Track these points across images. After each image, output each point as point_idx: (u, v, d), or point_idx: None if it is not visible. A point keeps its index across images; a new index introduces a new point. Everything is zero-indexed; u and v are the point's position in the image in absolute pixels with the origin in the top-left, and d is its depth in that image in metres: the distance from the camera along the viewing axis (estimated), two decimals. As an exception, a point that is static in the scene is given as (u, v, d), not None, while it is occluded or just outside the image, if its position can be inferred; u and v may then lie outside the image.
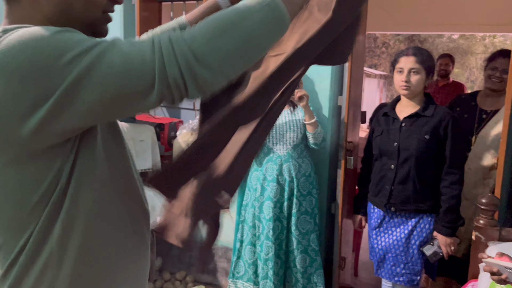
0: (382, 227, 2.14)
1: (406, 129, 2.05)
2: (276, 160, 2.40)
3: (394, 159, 2.05)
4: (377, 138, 2.15)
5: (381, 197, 2.11)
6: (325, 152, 2.64)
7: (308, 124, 2.35)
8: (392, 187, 2.06)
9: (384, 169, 2.11)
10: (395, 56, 2.14)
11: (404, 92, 2.04)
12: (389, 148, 2.08)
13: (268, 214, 2.38)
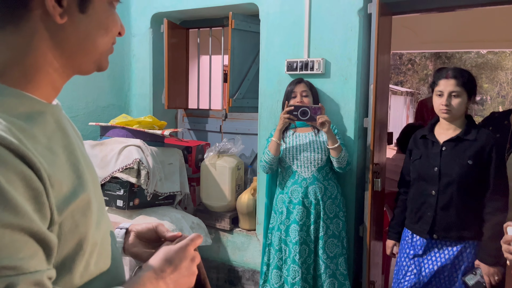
0: (424, 255, 2.05)
1: (447, 153, 1.97)
2: (301, 183, 2.40)
3: (435, 184, 1.98)
4: (416, 162, 2.08)
5: (423, 224, 2.03)
6: (352, 174, 2.62)
7: (332, 148, 2.35)
8: (435, 214, 1.98)
9: (424, 195, 2.03)
10: (434, 78, 2.07)
11: (445, 116, 1.98)
12: (429, 173, 2.00)
13: (295, 238, 2.37)
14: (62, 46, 0.63)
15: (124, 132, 2.82)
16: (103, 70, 0.71)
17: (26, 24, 0.60)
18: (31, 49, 0.61)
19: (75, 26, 0.63)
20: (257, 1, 2.86)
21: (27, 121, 0.58)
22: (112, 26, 0.68)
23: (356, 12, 2.52)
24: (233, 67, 2.97)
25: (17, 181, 0.50)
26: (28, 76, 0.61)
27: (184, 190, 2.96)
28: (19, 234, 0.49)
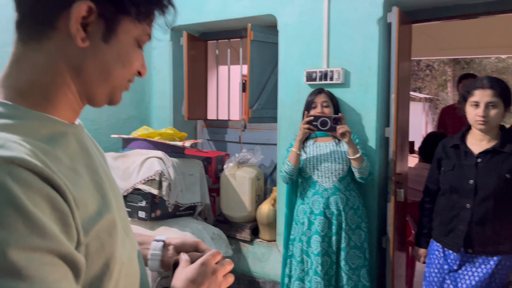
0: (460, 269, 1.99)
1: (483, 165, 1.91)
2: (322, 193, 2.39)
3: (470, 197, 1.92)
4: (448, 173, 2.02)
5: (455, 237, 1.97)
6: (374, 184, 2.59)
7: (353, 159, 2.33)
8: (469, 228, 1.92)
9: (456, 208, 1.97)
10: (467, 87, 2.00)
11: (481, 127, 1.90)
12: (463, 185, 1.94)
13: (316, 249, 2.35)
14: (80, 70, 0.63)
15: (146, 144, 2.86)
16: (114, 104, 0.71)
17: (49, 42, 0.60)
18: (51, 68, 0.61)
19: (95, 53, 0.63)
20: (275, 13, 2.88)
21: (50, 143, 0.58)
22: (131, 62, 0.67)
23: (375, 22, 2.51)
24: (252, 78, 2.98)
25: (44, 204, 0.50)
26: (48, 96, 0.61)
27: (205, 201, 2.98)
28: (48, 257, 0.50)
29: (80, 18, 0.59)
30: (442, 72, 17.30)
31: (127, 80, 0.70)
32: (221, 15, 3.12)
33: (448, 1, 2.53)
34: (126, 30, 0.64)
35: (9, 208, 0.47)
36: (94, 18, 0.60)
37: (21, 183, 0.48)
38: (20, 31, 0.62)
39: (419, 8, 2.66)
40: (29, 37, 0.61)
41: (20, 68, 0.61)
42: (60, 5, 0.59)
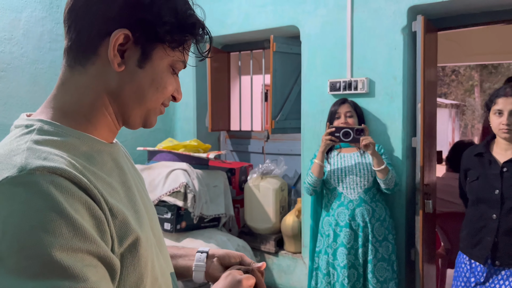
0: (487, 282, 1.93)
1: (510, 175, 1.87)
2: (347, 205, 2.35)
3: (496, 208, 1.88)
4: (474, 183, 1.98)
5: (481, 249, 1.92)
6: (401, 195, 2.54)
7: (378, 170, 2.29)
8: (496, 239, 1.87)
9: (483, 219, 1.93)
10: (491, 96, 1.98)
11: (506, 135, 1.89)
12: (489, 195, 1.90)
13: (343, 261, 2.31)
14: (117, 93, 0.68)
15: (171, 156, 2.89)
16: (148, 127, 0.74)
17: (92, 67, 0.66)
18: (92, 90, 0.67)
19: (130, 77, 0.67)
20: (298, 24, 2.88)
21: (88, 159, 0.64)
22: (164, 87, 0.70)
23: (400, 30, 2.48)
24: (275, 89, 2.99)
25: (83, 210, 0.55)
26: (88, 117, 0.67)
27: (229, 212, 2.98)
28: (89, 258, 0.54)
29: (118, 45, 0.64)
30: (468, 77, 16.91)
31: (161, 104, 0.73)
32: (243, 27, 3.15)
33: (474, 9, 2.48)
34: (160, 57, 0.68)
35: (52, 213, 0.51)
36: (131, 45, 0.65)
37: (63, 190, 0.54)
38: (68, 57, 0.68)
39: (445, 16, 2.61)
40: (75, 62, 0.67)
41: (65, 90, 0.67)
42: (102, 33, 0.64)
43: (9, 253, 0.49)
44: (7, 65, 2.58)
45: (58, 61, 2.84)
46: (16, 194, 0.52)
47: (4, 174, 0.53)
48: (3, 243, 0.50)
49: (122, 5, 0.64)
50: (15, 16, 2.61)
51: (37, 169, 0.54)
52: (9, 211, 0.51)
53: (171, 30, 0.66)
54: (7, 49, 2.57)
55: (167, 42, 0.67)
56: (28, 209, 0.51)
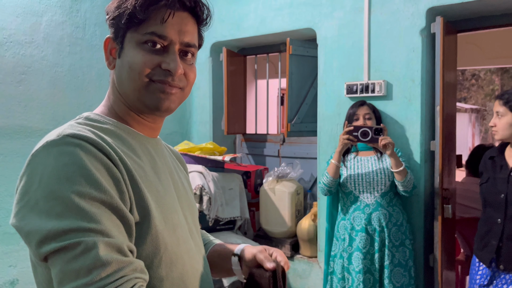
0: (490, 285, 1.92)
1: None
2: (364, 209, 2.32)
3: (501, 212, 1.88)
4: (483, 186, 2.00)
5: (487, 252, 1.93)
6: (419, 200, 2.49)
7: (396, 172, 2.25)
8: (500, 244, 1.87)
9: (489, 222, 1.93)
10: None
11: (494, 136, 1.96)
12: (495, 199, 1.91)
13: (358, 266, 2.28)
14: (118, 88, 0.80)
15: (187, 159, 2.91)
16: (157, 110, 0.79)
17: (111, 74, 0.83)
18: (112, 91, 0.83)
19: (116, 70, 0.80)
20: (315, 26, 2.87)
21: (120, 140, 0.77)
22: (135, 62, 0.76)
23: (418, 32, 2.45)
24: (291, 92, 2.98)
25: (102, 169, 0.67)
26: (119, 114, 0.81)
27: (244, 215, 2.98)
28: (103, 207, 0.64)
29: (109, 49, 0.80)
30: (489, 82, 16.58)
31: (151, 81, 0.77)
32: (260, 31, 3.15)
33: (495, 10, 2.42)
34: (129, 41, 0.77)
35: (74, 166, 0.64)
36: (113, 44, 0.79)
37: (86, 152, 0.66)
38: None
39: (465, 17, 2.57)
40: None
41: (108, 95, 0.84)
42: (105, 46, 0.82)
43: (41, 197, 0.62)
44: (28, 68, 2.63)
45: (77, 64, 2.89)
46: (51, 152, 0.65)
47: (47, 139, 0.67)
48: (39, 190, 0.63)
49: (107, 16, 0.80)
50: (36, 20, 2.67)
51: (69, 135, 0.67)
52: (45, 165, 0.64)
53: (119, 15, 0.77)
54: (27, 53, 2.63)
55: (122, 26, 0.77)
56: (57, 164, 0.64)
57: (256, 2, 3.16)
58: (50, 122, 2.72)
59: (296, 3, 2.95)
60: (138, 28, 0.76)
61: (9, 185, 2.54)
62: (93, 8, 2.97)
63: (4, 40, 2.52)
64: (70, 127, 0.70)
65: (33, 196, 0.63)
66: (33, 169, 0.65)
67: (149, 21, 0.75)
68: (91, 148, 0.67)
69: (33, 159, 0.66)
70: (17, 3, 2.57)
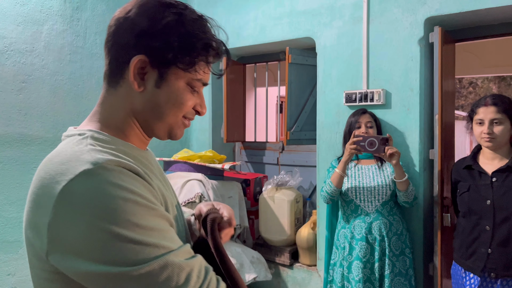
0: None
1: (499, 185, 1.88)
2: (364, 218, 2.32)
3: (489, 219, 1.88)
4: (464, 195, 2.00)
5: (476, 260, 1.92)
6: (418, 208, 2.50)
7: (399, 182, 2.25)
8: (490, 250, 1.87)
9: (476, 230, 1.93)
10: (472, 106, 2.04)
11: (488, 144, 1.93)
12: (481, 206, 1.91)
13: (358, 275, 2.27)
14: (139, 110, 0.79)
15: (186, 167, 2.91)
16: (174, 139, 0.84)
17: (120, 89, 0.78)
18: (122, 109, 0.79)
19: (149, 97, 0.77)
20: (314, 35, 2.89)
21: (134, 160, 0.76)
22: (181, 103, 0.79)
23: (416, 42, 2.47)
24: (290, 100, 2.99)
25: (144, 189, 0.70)
26: (122, 129, 0.79)
27: (244, 224, 2.97)
28: (165, 221, 0.70)
29: (137, 68, 0.75)
30: (486, 90, 16.66)
31: (183, 118, 0.82)
32: (259, 39, 3.17)
33: (492, 20, 2.45)
34: (175, 77, 0.77)
35: (127, 194, 0.65)
36: (149, 68, 0.76)
37: (128, 176, 0.68)
38: (105, 80, 0.80)
39: (462, 27, 2.59)
40: (109, 85, 0.79)
41: (103, 108, 0.80)
42: (126, 60, 0.76)
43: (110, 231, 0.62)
44: (28, 77, 2.64)
45: (77, 73, 2.90)
46: (93, 182, 0.64)
47: (80, 169, 0.65)
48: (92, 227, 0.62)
49: (138, 34, 0.74)
50: (37, 29, 2.68)
51: (107, 162, 0.66)
52: (90, 197, 0.63)
53: (180, 53, 0.75)
54: (28, 61, 2.64)
55: (178, 64, 0.76)
56: (104, 195, 0.63)
57: (256, 11, 3.18)
58: (50, 130, 2.73)
59: (295, 13, 2.98)
60: (186, 70, 0.77)
61: (8, 193, 2.53)
62: (93, 17, 2.99)
63: (5, 49, 2.53)
64: (97, 153, 0.69)
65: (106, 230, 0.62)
66: (80, 206, 0.63)
67: (198, 66, 0.78)
68: (130, 173, 0.69)
69: (71, 194, 0.64)
70: (18, 12, 2.59)
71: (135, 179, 0.69)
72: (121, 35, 0.76)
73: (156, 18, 0.74)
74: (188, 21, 0.76)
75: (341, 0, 2.76)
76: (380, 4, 2.60)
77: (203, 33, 0.77)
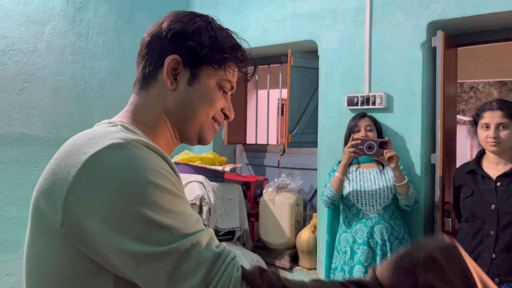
0: None
1: (504, 189, 1.88)
2: (366, 222, 2.31)
3: (493, 223, 1.88)
4: (468, 199, 1.99)
5: (479, 266, 1.90)
6: (419, 213, 2.49)
7: (399, 185, 2.25)
8: (493, 255, 1.86)
9: (480, 235, 1.92)
10: (477, 110, 2.04)
11: (494, 148, 1.93)
12: (485, 211, 1.90)
13: (359, 279, 2.26)
14: (172, 110, 0.81)
15: (187, 168, 2.90)
16: (204, 143, 0.87)
17: (153, 90, 0.81)
18: (154, 109, 0.81)
19: (182, 95, 0.81)
20: (316, 38, 2.89)
21: None
22: (212, 100, 0.82)
23: (419, 46, 2.47)
24: (292, 103, 2.99)
25: (170, 171, 0.70)
26: (152, 128, 0.81)
27: (244, 226, 2.96)
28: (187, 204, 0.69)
29: (171, 68, 0.79)
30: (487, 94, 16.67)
31: (212, 118, 0.84)
32: (261, 42, 3.17)
33: (494, 25, 2.45)
34: (206, 76, 0.81)
35: (154, 167, 0.66)
36: (181, 68, 0.80)
37: (154, 156, 0.68)
38: (137, 85, 0.84)
39: (464, 31, 2.59)
40: (141, 88, 0.83)
41: (135, 109, 0.82)
42: (160, 63, 0.80)
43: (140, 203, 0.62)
44: (30, 77, 2.64)
45: (79, 73, 2.90)
46: (122, 155, 0.64)
47: (109, 142, 0.65)
48: (128, 195, 0.61)
49: (172, 36, 0.79)
50: (39, 29, 2.68)
51: (136, 141, 0.67)
52: (115, 168, 0.63)
53: (211, 51, 0.79)
54: (30, 61, 2.64)
55: (210, 62, 0.80)
56: (133, 170, 0.63)
57: (258, 13, 3.18)
58: (51, 130, 2.72)
59: (297, 15, 2.98)
60: (216, 69, 0.81)
61: (8, 193, 2.53)
62: (96, 18, 2.99)
63: (7, 48, 2.53)
64: (127, 134, 0.70)
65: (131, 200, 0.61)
66: (108, 175, 0.62)
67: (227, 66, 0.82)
68: (155, 154, 0.69)
69: (97, 164, 0.63)
70: (21, 12, 2.59)
71: (162, 162, 0.69)
72: (155, 42, 0.81)
73: (188, 22, 0.80)
74: (216, 27, 0.82)
75: (344, 4, 2.76)
76: (382, 8, 2.60)
77: (230, 37, 0.83)
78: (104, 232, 0.61)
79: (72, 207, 0.62)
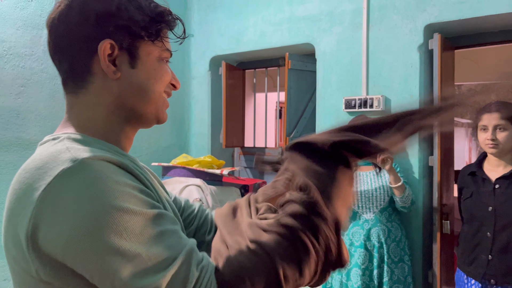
0: None
1: (502, 191, 1.89)
2: (362, 225, 2.31)
3: (490, 225, 1.89)
4: (467, 201, 2.01)
5: (477, 267, 1.93)
6: (417, 215, 2.48)
7: (394, 187, 2.25)
8: (490, 257, 1.88)
9: (478, 237, 1.94)
10: (476, 113, 2.04)
11: (492, 150, 1.93)
12: (483, 213, 1.91)
13: (356, 282, 2.26)
14: (122, 98, 0.73)
15: (185, 172, 2.89)
16: (161, 122, 0.79)
17: (92, 86, 0.72)
18: (101, 105, 0.72)
19: (128, 80, 0.72)
20: (313, 41, 2.89)
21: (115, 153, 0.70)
22: (161, 75, 0.75)
23: (416, 49, 2.47)
24: (290, 106, 2.99)
25: (135, 184, 0.64)
26: (104, 129, 0.73)
27: (242, 230, 2.95)
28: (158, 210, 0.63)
29: (107, 55, 0.69)
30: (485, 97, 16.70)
31: (164, 93, 0.78)
32: (259, 45, 3.17)
33: (491, 27, 2.46)
34: (146, 52, 0.73)
35: (118, 186, 0.60)
36: (118, 52, 0.70)
37: (114, 171, 0.62)
38: (68, 86, 0.74)
39: (462, 34, 2.59)
40: (77, 87, 0.72)
41: (77, 112, 0.73)
42: (89, 52, 0.70)
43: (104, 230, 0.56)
44: (27, 81, 2.63)
45: (76, 77, 2.89)
46: (77, 181, 0.58)
47: (59, 168, 0.59)
48: (82, 225, 0.56)
49: (95, 21, 0.68)
50: (36, 33, 2.68)
51: (89, 158, 0.60)
52: (74, 198, 0.57)
53: (145, 25, 0.71)
54: (27, 65, 2.63)
55: (146, 37, 0.72)
56: (90, 192, 0.57)
57: (256, 17, 3.18)
58: (48, 134, 2.71)
59: (295, 19, 2.98)
60: (154, 41, 0.73)
61: (5, 197, 2.51)
62: (93, 22, 2.98)
63: (4, 53, 2.53)
64: (75, 150, 0.62)
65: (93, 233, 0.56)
66: (62, 207, 0.57)
67: (162, 35, 0.75)
68: (115, 167, 0.63)
69: (53, 195, 0.58)
70: (18, 16, 2.59)
71: (122, 174, 0.63)
72: (74, 30, 0.69)
73: (106, 0, 0.69)
74: None
75: (341, 7, 2.76)
76: (380, 11, 2.60)
77: (153, 3, 0.75)
78: (77, 268, 0.58)
79: (39, 251, 0.59)
